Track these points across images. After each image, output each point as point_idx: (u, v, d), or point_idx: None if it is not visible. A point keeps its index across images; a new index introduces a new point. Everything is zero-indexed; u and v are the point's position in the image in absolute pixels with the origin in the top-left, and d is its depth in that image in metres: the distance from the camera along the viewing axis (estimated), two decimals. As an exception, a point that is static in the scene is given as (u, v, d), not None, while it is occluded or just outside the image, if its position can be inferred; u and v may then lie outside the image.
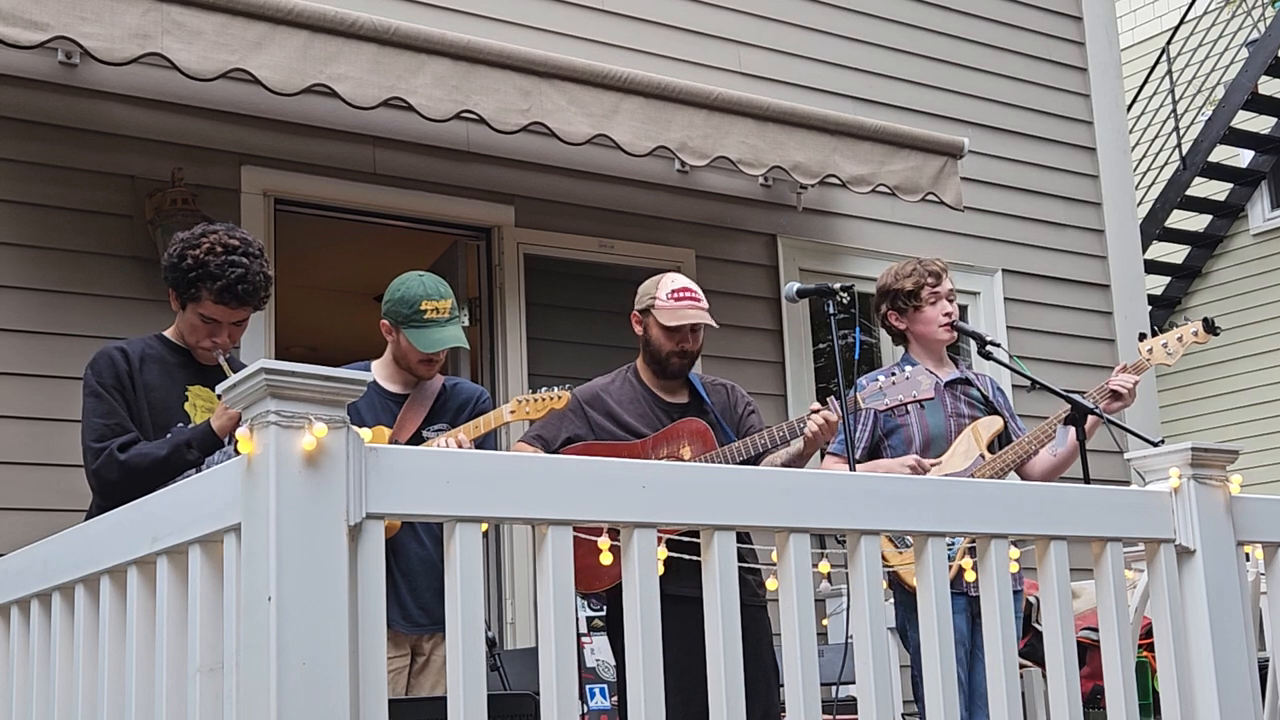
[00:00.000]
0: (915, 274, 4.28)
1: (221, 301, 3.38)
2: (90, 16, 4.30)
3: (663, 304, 3.96)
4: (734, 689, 2.28)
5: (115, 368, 3.41)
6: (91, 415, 3.37)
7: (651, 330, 3.99)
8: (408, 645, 3.79)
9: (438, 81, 4.89)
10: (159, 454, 3.31)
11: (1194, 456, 2.79)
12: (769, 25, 6.54)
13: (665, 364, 3.99)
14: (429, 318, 3.76)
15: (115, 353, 3.44)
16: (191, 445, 3.33)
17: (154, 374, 3.45)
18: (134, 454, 3.32)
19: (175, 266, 3.40)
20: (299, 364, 2.00)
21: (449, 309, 3.80)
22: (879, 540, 2.50)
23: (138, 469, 3.29)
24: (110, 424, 3.35)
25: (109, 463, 3.31)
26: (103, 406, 3.37)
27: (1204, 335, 4.11)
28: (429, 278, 3.85)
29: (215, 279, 3.35)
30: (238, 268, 3.36)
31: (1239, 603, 2.80)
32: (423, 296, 3.77)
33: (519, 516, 2.22)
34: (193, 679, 2.15)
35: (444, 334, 3.77)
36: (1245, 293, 11.62)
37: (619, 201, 5.97)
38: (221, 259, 3.36)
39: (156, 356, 3.49)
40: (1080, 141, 7.52)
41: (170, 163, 4.96)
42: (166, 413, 3.43)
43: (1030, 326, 7.07)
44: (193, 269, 3.37)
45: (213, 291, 3.37)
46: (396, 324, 3.81)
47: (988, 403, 4.28)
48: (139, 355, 3.45)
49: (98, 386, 3.39)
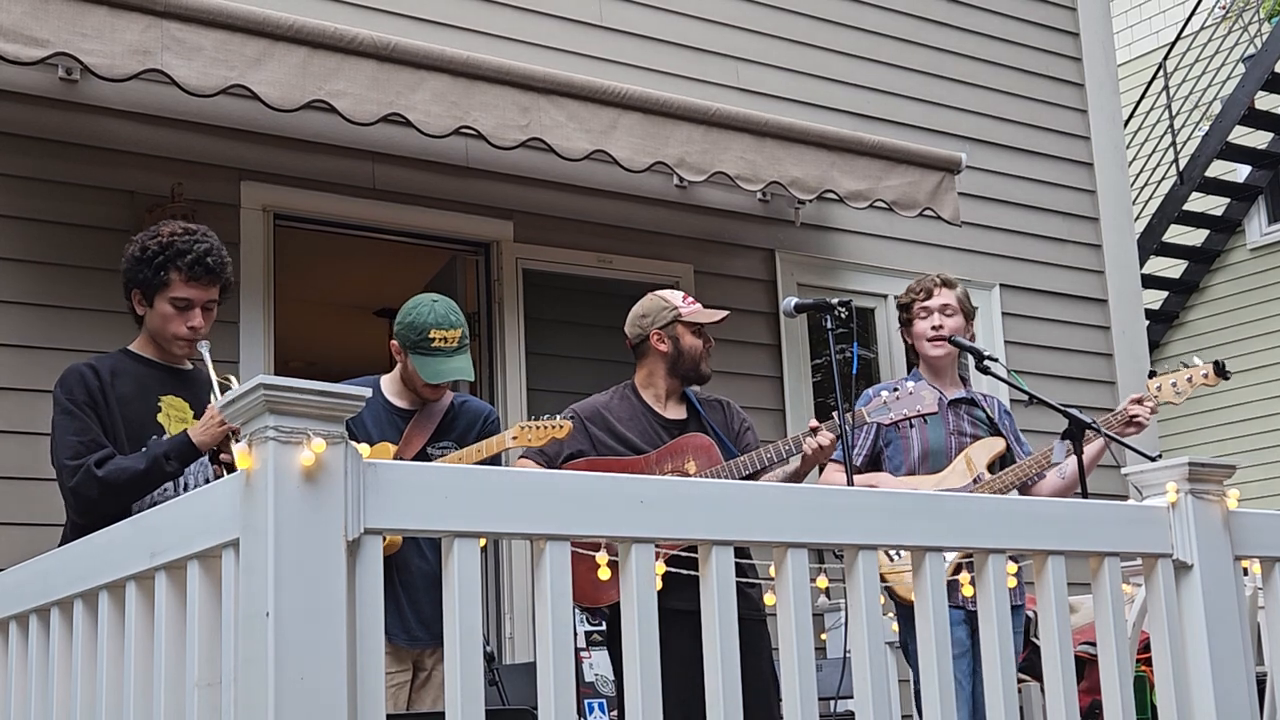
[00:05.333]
0: (911, 288, 4.36)
1: (194, 277, 3.36)
2: (90, 33, 4.31)
3: (687, 310, 4.03)
4: (732, 703, 2.28)
5: (86, 384, 3.35)
6: (65, 433, 3.31)
7: (683, 338, 4.02)
8: (409, 660, 3.79)
9: (437, 97, 4.90)
10: (138, 468, 3.26)
11: (1191, 471, 2.79)
12: (767, 41, 6.56)
13: (699, 366, 4.03)
14: (436, 346, 3.76)
15: (85, 369, 3.39)
16: (170, 457, 3.26)
17: (126, 387, 3.40)
18: (112, 469, 3.25)
19: (139, 260, 3.39)
20: (297, 379, 2.00)
21: (458, 338, 3.79)
22: (876, 555, 2.51)
23: (117, 484, 3.24)
24: (84, 440, 3.28)
25: (87, 480, 3.24)
26: (75, 424, 3.30)
27: (1214, 378, 4.10)
28: (442, 304, 3.84)
29: (184, 254, 3.35)
30: (203, 243, 3.39)
31: (1237, 617, 2.80)
32: (433, 325, 3.77)
33: (517, 531, 2.23)
34: (191, 694, 2.15)
35: (449, 365, 3.77)
36: (1242, 307, 11.63)
37: (618, 217, 5.98)
38: (185, 238, 3.38)
39: (127, 370, 3.44)
40: (1077, 157, 7.53)
41: (170, 178, 4.97)
42: (140, 426, 3.38)
43: (1028, 341, 7.07)
44: (159, 253, 3.36)
45: (184, 267, 3.35)
46: (405, 348, 3.81)
47: (992, 424, 4.28)
48: (109, 370, 3.40)
49: (69, 404, 3.33)
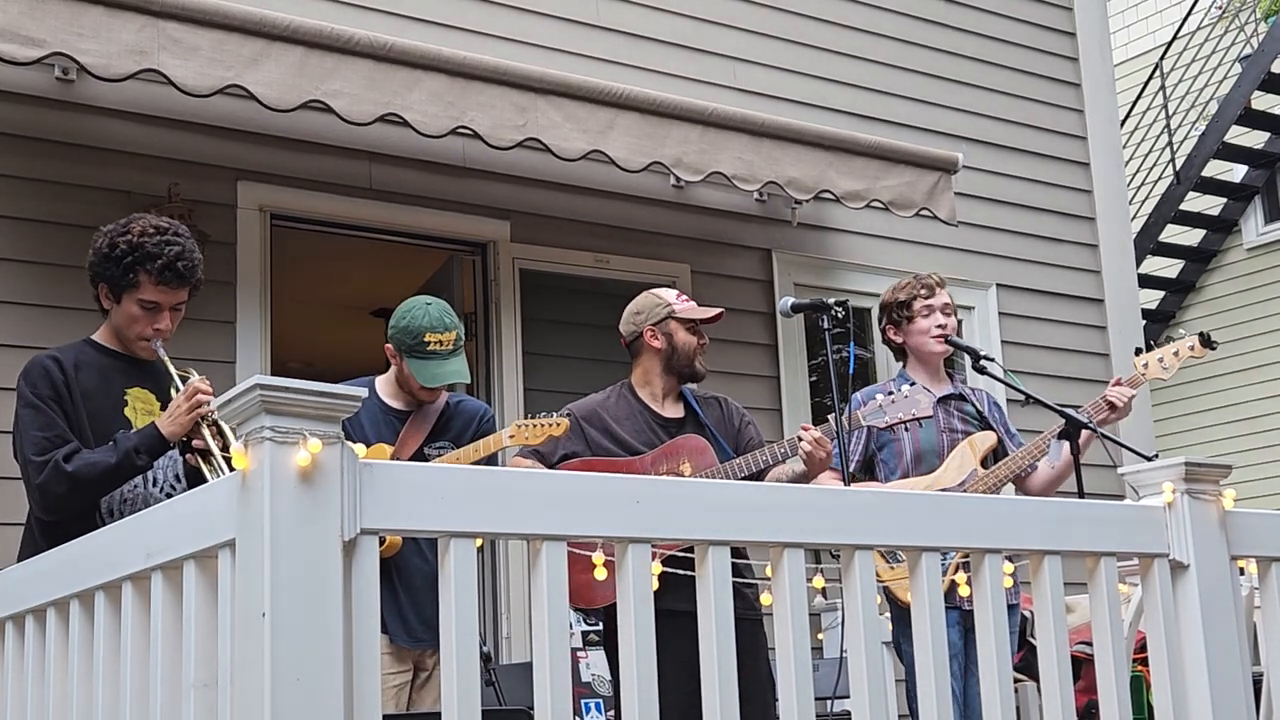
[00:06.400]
0: (909, 286, 4.36)
1: (163, 281, 3.29)
2: (87, 33, 4.31)
3: (681, 306, 4.05)
4: (729, 703, 2.28)
5: (50, 377, 3.26)
6: (30, 429, 3.22)
7: (677, 335, 4.03)
8: (410, 660, 3.79)
9: (433, 97, 4.90)
10: (109, 462, 3.18)
11: (1188, 471, 2.79)
12: (764, 41, 6.56)
13: (693, 363, 4.04)
14: (431, 350, 3.75)
15: (49, 362, 3.29)
16: (140, 450, 3.18)
17: (90, 380, 3.32)
18: (81, 464, 3.17)
19: (107, 257, 3.30)
20: (293, 379, 1.99)
21: (453, 340, 3.78)
22: (873, 555, 2.51)
23: (87, 479, 3.17)
24: (50, 436, 3.20)
25: (55, 475, 3.16)
26: (41, 419, 3.21)
27: (1200, 349, 4.11)
28: (436, 306, 3.83)
29: (154, 258, 3.27)
30: (174, 245, 3.29)
31: (1233, 617, 2.80)
32: (427, 328, 3.76)
33: (513, 532, 2.22)
34: (187, 695, 2.15)
35: (445, 369, 3.76)
36: (1239, 307, 11.65)
37: (614, 217, 5.97)
38: (156, 239, 3.29)
39: (91, 362, 3.35)
40: (1074, 156, 7.54)
41: (166, 178, 4.97)
42: (106, 419, 3.30)
43: (1024, 341, 7.08)
44: (128, 254, 3.27)
45: (153, 272, 3.27)
46: (400, 351, 3.81)
47: (982, 418, 4.29)
48: (73, 363, 3.31)
49: (34, 398, 3.24)
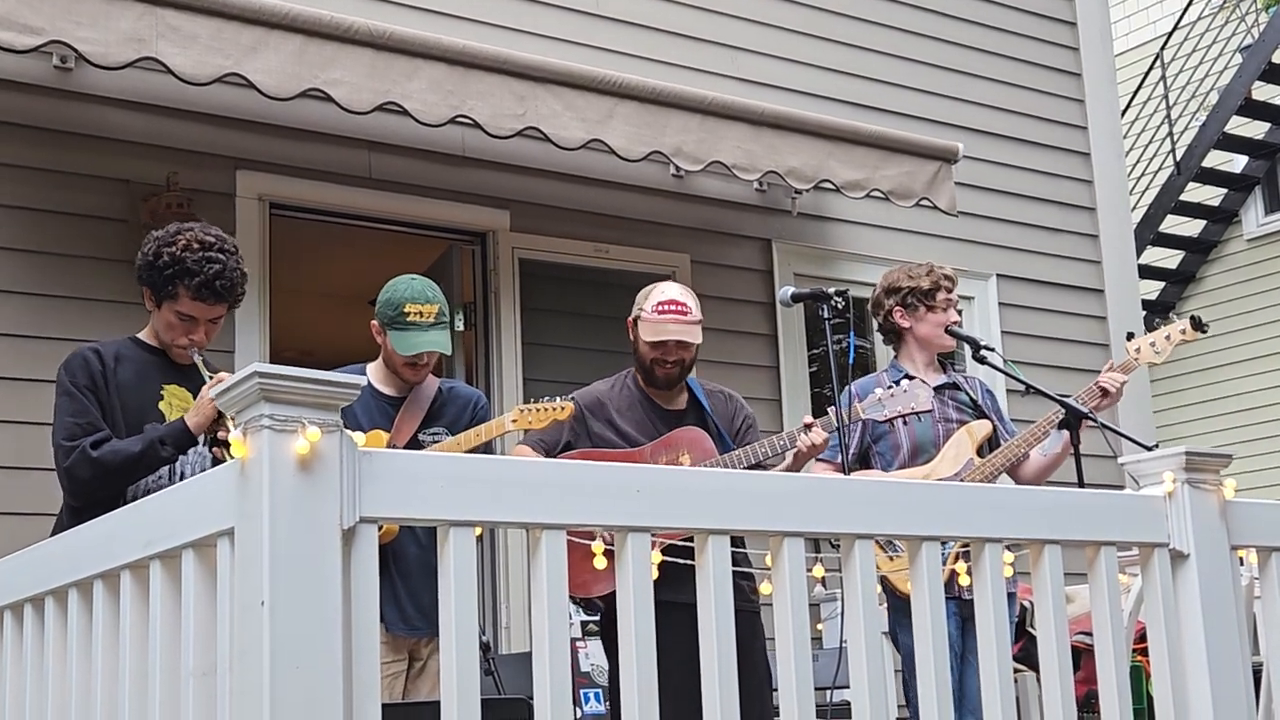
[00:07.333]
0: (934, 274, 4.26)
1: (199, 298, 3.36)
2: (85, 21, 4.30)
3: (647, 316, 3.94)
4: (728, 694, 2.28)
5: (89, 367, 3.37)
6: (63, 414, 3.33)
7: (638, 341, 3.98)
8: (405, 649, 3.79)
9: (433, 86, 4.89)
10: (132, 450, 3.27)
11: (1188, 461, 2.79)
12: (764, 30, 6.55)
13: (650, 373, 3.98)
14: (411, 320, 3.75)
15: (89, 353, 3.40)
16: (165, 442, 3.28)
17: (128, 374, 3.41)
18: (106, 451, 3.27)
19: (151, 265, 3.38)
20: (292, 368, 1.99)
21: (434, 313, 3.78)
22: (872, 544, 2.50)
23: (110, 466, 3.26)
24: (81, 423, 3.30)
25: (81, 460, 3.26)
26: (75, 406, 3.32)
27: (1192, 333, 4.10)
28: (420, 281, 3.84)
29: (193, 275, 3.34)
30: (215, 263, 3.36)
31: (1233, 607, 2.80)
32: (408, 299, 3.77)
33: (512, 520, 2.22)
34: (186, 683, 2.15)
35: (423, 338, 3.75)
36: (1239, 297, 11.65)
37: (614, 206, 5.97)
38: (198, 255, 3.35)
39: (131, 357, 3.45)
40: (1074, 146, 7.53)
41: (165, 167, 4.96)
42: (140, 412, 3.39)
43: (1024, 331, 7.07)
44: (169, 266, 3.35)
45: (190, 288, 3.34)
46: (383, 325, 3.81)
47: (976, 406, 4.27)
48: (113, 356, 3.42)
49: (70, 386, 3.35)
